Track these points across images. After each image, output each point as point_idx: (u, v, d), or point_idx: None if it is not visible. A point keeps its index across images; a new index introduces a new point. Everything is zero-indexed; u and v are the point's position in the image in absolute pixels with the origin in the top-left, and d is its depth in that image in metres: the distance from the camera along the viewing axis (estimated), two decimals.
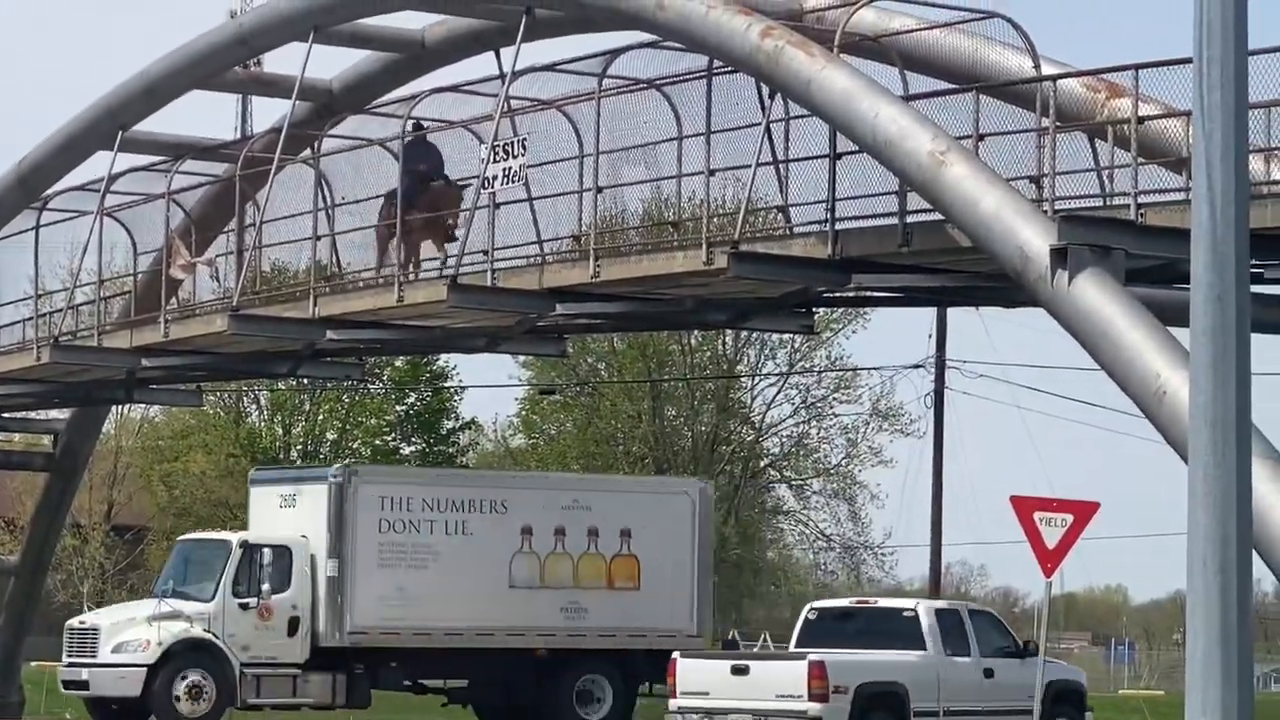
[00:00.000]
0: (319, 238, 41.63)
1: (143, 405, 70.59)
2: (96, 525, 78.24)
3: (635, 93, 36.27)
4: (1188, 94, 20.62)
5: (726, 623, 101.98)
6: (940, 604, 42.62)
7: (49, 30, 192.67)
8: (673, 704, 40.81)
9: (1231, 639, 19.09)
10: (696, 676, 40.66)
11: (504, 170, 36.58)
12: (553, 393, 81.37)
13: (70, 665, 48.47)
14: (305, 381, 77.94)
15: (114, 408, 62.85)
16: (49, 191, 48.32)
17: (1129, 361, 26.31)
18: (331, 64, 44.87)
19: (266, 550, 48.05)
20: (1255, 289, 23.07)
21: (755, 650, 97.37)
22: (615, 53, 36.24)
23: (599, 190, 36.32)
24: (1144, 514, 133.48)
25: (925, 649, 39.86)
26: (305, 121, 43.88)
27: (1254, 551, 20.92)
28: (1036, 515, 27.83)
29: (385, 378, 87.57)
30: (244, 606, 47.63)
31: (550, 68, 37.54)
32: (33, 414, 57.39)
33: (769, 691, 39.35)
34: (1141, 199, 28.62)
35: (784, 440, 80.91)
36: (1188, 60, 20.29)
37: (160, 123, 46.66)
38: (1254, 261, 21.80)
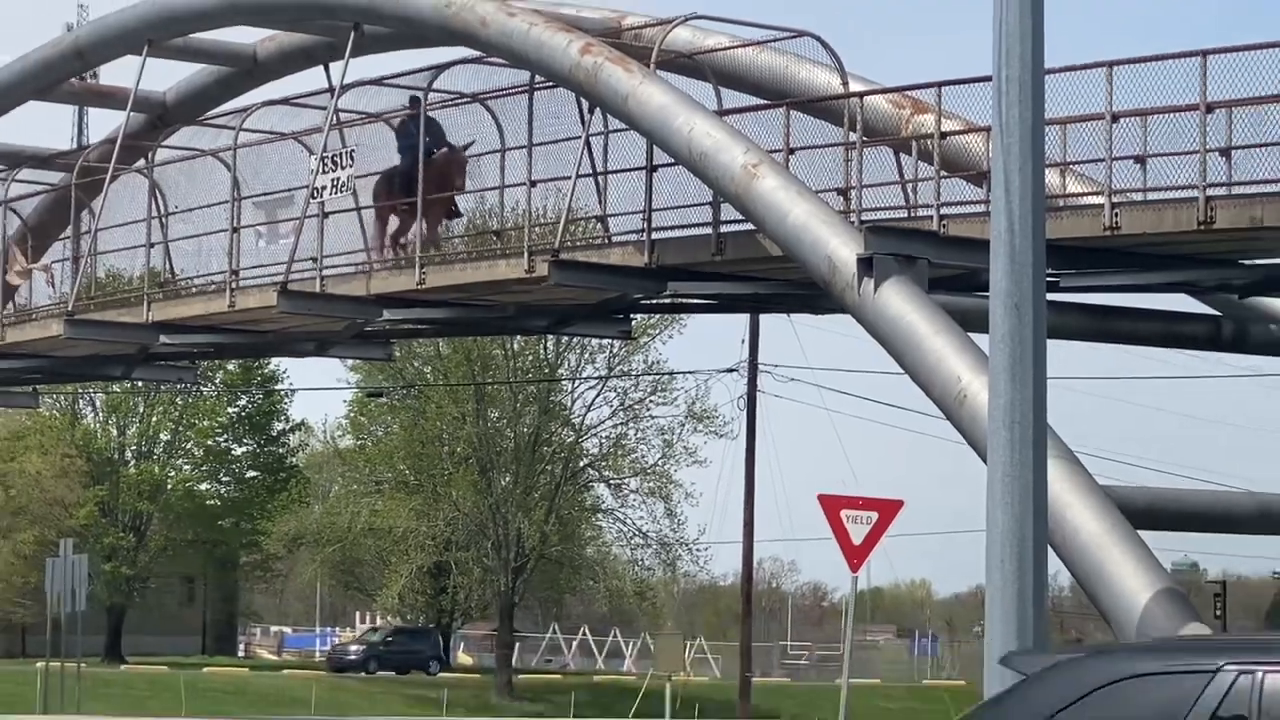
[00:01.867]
0: (152, 245, 41.42)
1: None
2: None
3: (460, 106, 36.29)
4: (988, 110, 20.75)
5: (551, 621, 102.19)
6: None
7: None
8: None
9: (1028, 632, 19.27)
10: None
11: (332, 180, 36.55)
12: (380, 395, 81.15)
13: None
14: (140, 384, 77.36)
15: None
16: None
17: (931, 366, 26.50)
18: (165, 77, 44.73)
19: None
20: (1051, 297, 23.27)
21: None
22: (440, 68, 36.23)
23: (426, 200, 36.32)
24: (947, 511, 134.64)
25: None
26: (140, 132, 43.73)
27: (1050, 548, 21.14)
28: (843, 513, 27.94)
29: (217, 381, 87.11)
30: None
31: (378, 82, 37.56)
32: None
33: None
34: (944, 210, 28.87)
35: (603, 441, 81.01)
36: (988, 78, 20.43)
37: None
38: (1050, 271, 21.97)
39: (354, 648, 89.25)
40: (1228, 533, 53.17)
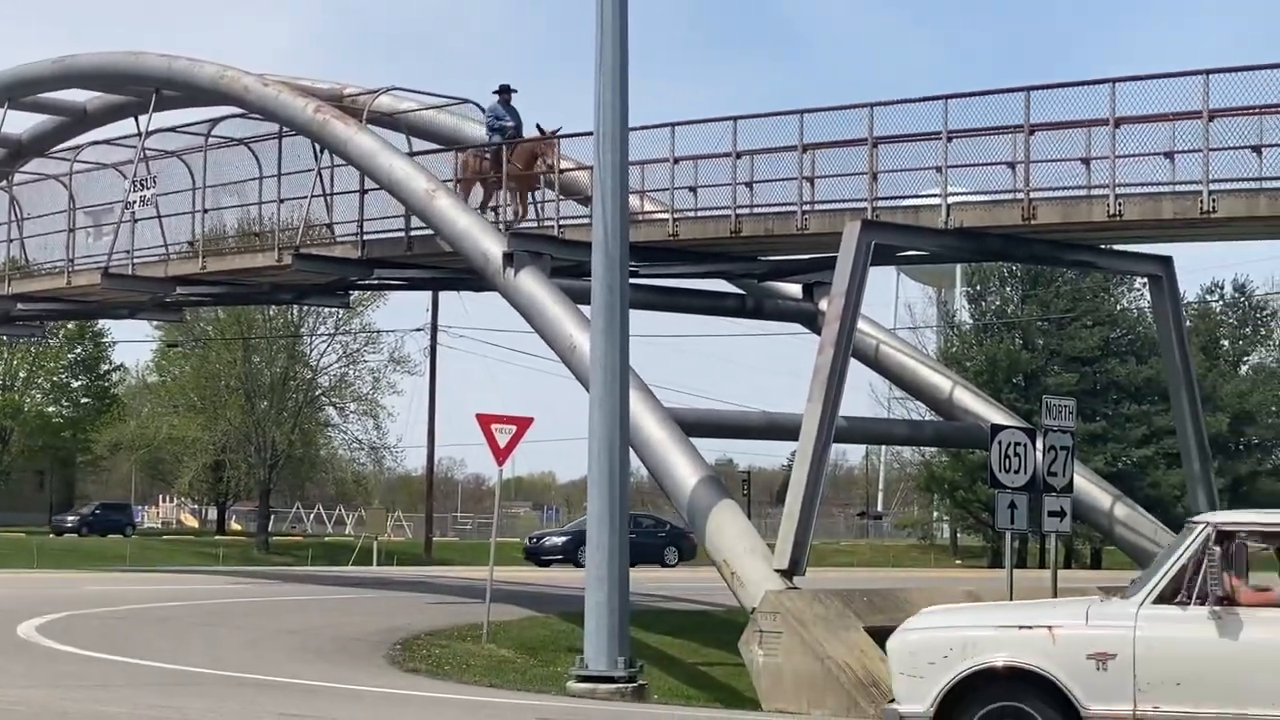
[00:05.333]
0: (10, 240, 40.90)
1: None
2: None
3: (231, 147, 35.81)
4: (591, 154, 20.84)
5: (296, 500, 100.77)
6: None
7: None
8: None
9: (615, 504, 19.44)
10: None
11: (141, 197, 36.06)
12: (176, 345, 79.45)
13: None
14: (4, 338, 75.11)
15: None
16: None
17: (552, 327, 26.63)
18: (21, 123, 43.71)
19: None
20: (633, 281, 23.44)
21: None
22: (217, 121, 35.81)
23: (205, 211, 35.92)
24: (565, 423, 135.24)
25: None
26: (2, 162, 42.63)
27: (630, 448, 21.34)
28: (493, 426, 27.86)
29: (60, 335, 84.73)
30: None
31: (173, 129, 37.00)
32: None
33: None
34: (562, 222, 28.95)
35: (332, 378, 79.95)
36: (590, 133, 20.50)
37: None
38: (632, 263, 22.13)
39: (70, 519, 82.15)
40: (750, 439, 54.49)
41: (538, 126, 29.30)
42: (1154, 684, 12.05)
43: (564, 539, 61.89)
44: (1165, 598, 12.26)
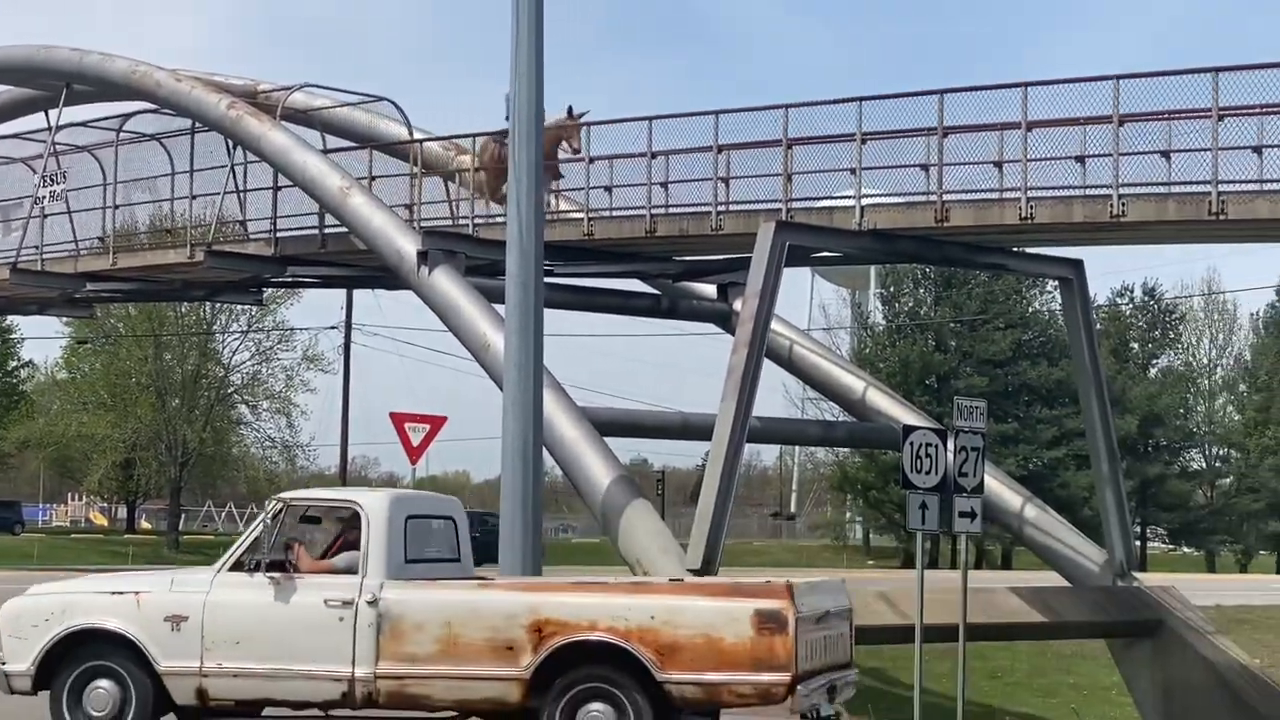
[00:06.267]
0: None
1: None
2: None
3: (143, 142, 35.52)
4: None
5: (207, 499, 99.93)
6: None
7: None
8: None
9: (529, 502, 19.37)
10: None
11: (50, 192, 35.82)
12: (86, 343, 78.70)
13: None
14: None
15: None
16: None
17: (467, 326, 26.56)
18: None
19: None
20: (548, 280, 23.37)
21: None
22: (129, 116, 35.54)
23: (117, 207, 35.65)
24: (479, 422, 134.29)
25: None
26: None
27: (544, 448, 21.27)
28: (406, 425, 27.80)
29: None
30: None
31: (85, 124, 36.65)
32: None
33: None
34: (476, 220, 28.87)
35: (244, 375, 79.39)
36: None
37: None
38: (547, 262, 22.07)
39: None
40: (664, 438, 54.51)
41: (570, 110, 27.27)
42: (218, 643, 13.49)
43: None
44: (240, 566, 13.72)
